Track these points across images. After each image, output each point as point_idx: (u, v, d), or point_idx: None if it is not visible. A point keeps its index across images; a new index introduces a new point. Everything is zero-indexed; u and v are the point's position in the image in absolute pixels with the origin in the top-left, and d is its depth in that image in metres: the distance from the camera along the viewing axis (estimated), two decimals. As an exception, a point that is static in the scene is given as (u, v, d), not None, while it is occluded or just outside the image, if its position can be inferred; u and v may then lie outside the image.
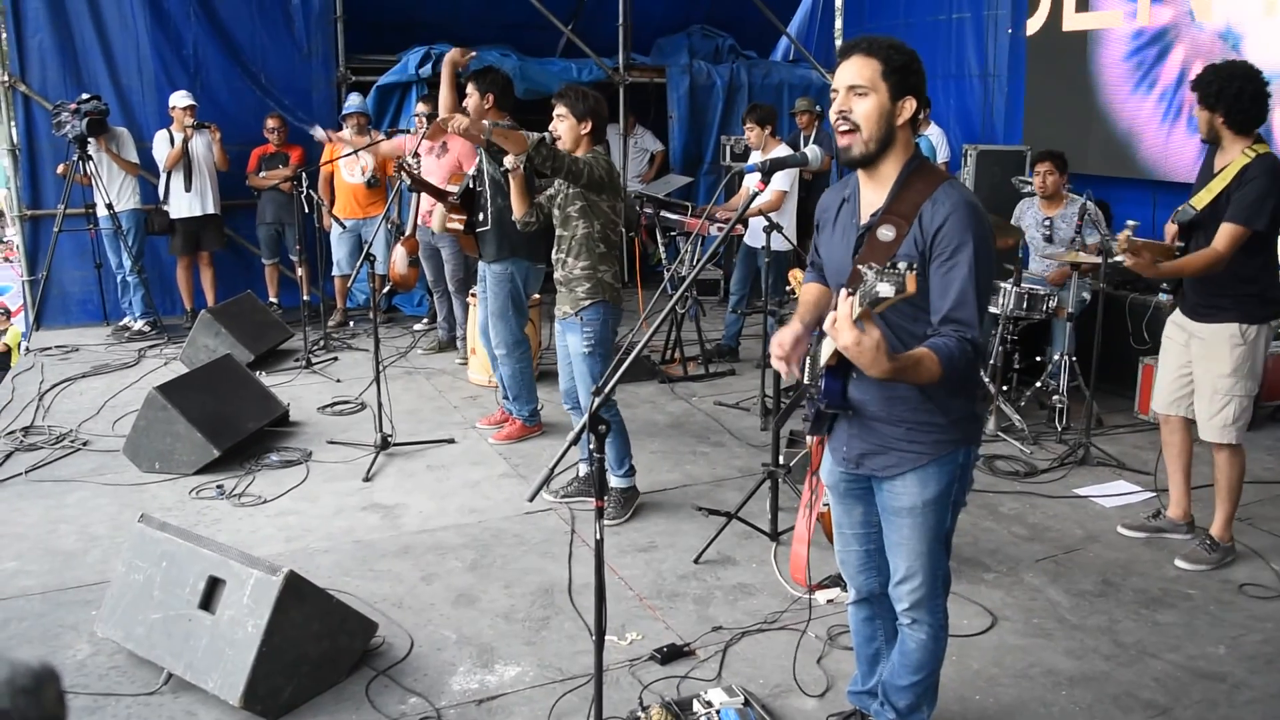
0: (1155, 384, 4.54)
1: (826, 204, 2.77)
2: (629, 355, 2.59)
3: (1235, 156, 3.99)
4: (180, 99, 8.04)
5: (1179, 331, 4.31)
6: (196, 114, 8.10)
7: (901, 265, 2.04)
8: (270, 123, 8.43)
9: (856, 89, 2.48)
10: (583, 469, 5.06)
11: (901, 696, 2.89)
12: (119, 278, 8.30)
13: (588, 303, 4.60)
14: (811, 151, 2.61)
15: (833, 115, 2.53)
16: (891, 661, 2.91)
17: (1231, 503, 4.27)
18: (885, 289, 2.04)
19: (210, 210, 8.28)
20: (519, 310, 5.65)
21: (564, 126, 4.60)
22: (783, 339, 2.61)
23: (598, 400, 2.40)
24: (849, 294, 2.16)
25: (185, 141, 8.00)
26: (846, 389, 2.60)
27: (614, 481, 4.78)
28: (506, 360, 5.66)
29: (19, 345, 8.62)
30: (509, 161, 4.67)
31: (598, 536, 2.49)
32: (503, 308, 5.57)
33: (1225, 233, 3.92)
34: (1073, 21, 8.15)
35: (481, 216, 5.53)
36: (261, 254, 8.82)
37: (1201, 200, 4.01)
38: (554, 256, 4.74)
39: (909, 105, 2.49)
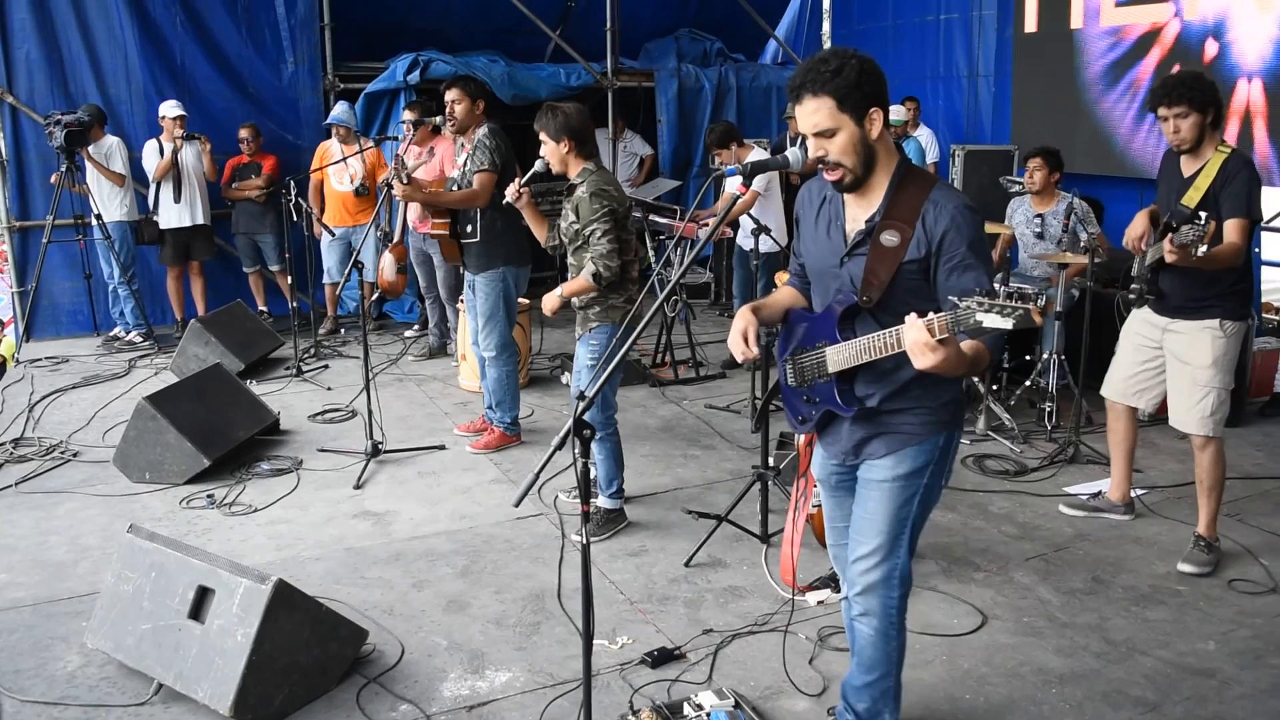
0: (1110, 373, 4.63)
1: (804, 199, 2.80)
2: (613, 359, 2.60)
3: (1210, 155, 4.11)
4: (170, 109, 8.03)
5: (1149, 328, 4.38)
6: (186, 124, 8.10)
7: (1029, 305, 2.10)
8: (243, 132, 8.40)
9: (824, 133, 2.49)
10: (593, 471, 5.03)
11: (859, 698, 2.90)
12: (110, 287, 8.29)
13: (595, 325, 4.61)
14: (793, 154, 2.62)
15: (812, 159, 2.56)
16: (851, 662, 2.92)
17: (1216, 500, 4.29)
18: (995, 320, 2.09)
19: (200, 221, 8.28)
20: (509, 312, 5.64)
21: (547, 151, 4.58)
22: (745, 332, 2.67)
23: (582, 406, 2.41)
24: (920, 316, 2.24)
25: (175, 152, 8.00)
26: (854, 390, 2.64)
27: (601, 500, 4.72)
28: (495, 363, 5.65)
29: (13, 356, 8.61)
30: (509, 194, 4.71)
31: (584, 541, 2.50)
32: (493, 308, 5.56)
33: (1235, 228, 4.01)
34: (1113, 17, 8.04)
35: (470, 228, 5.50)
36: (244, 264, 8.82)
37: (1192, 200, 4.10)
38: (567, 279, 4.69)
39: (876, 117, 2.50)
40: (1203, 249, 3.81)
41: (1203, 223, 3.80)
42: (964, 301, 2.13)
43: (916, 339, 2.23)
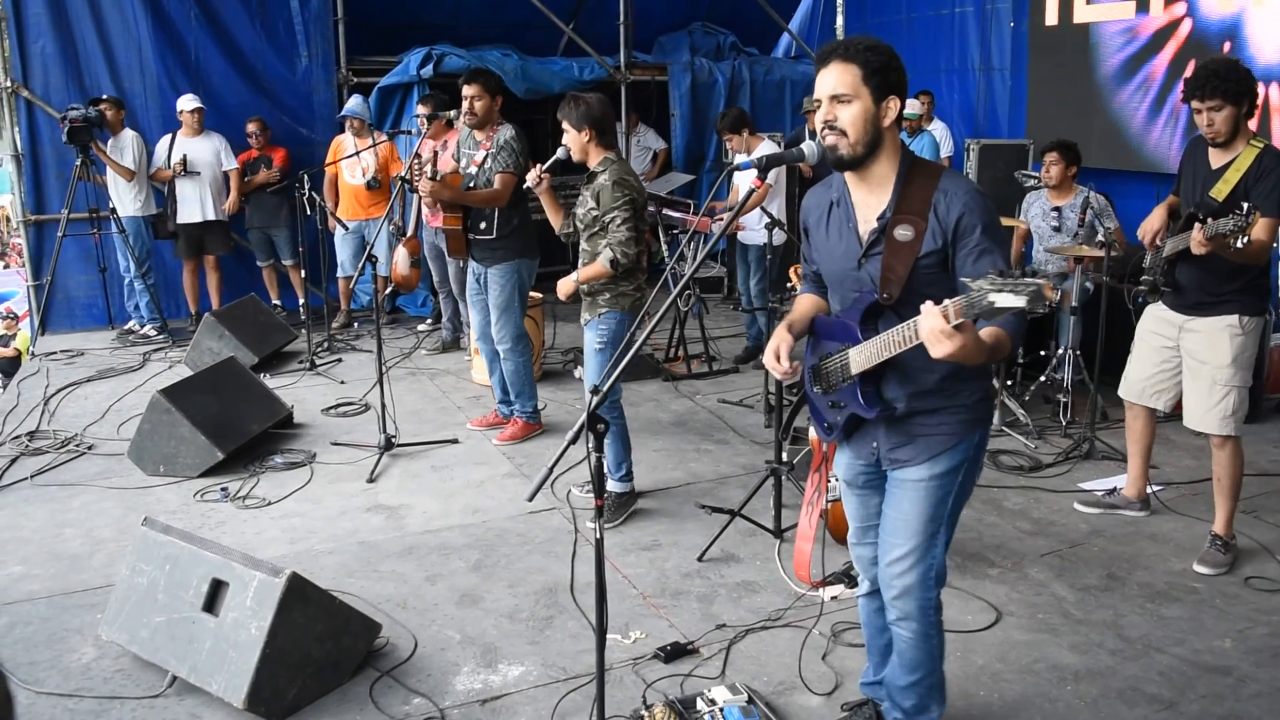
0: (1126, 373, 4.59)
1: (810, 207, 2.78)
2: (628, 353, 2.59)
3: (1242, 148, 4.02)
4: (186, 103, 8.06)
5: (1166, 326, 4.33)
6: (204, 118, 8.14)
7: (1041, 280, 2.04)
8: (250, 126, 8.41)
9: (840, 97, 2.48)
10: (610, 484, 5.02)
11: (905, 697, 2.88)
12: (126, 280, 8.33)
13: (604, 310, 4.67)
14: (808, 147, 2.60)
15: (818, 124, 2.55)
16: (891, 660, 2.91)
17: (1234, 499, 4.26)
18: (1008, 299, 2.05)
19: (213, 216, 8.29)
20: (523, 303, 5.66)
21: (569, 139, 4.63)
22: (778, 350, 2.63)
23: (595, 399, 2.40)
24: (935, 304, 2.21)
25: (175, 173, 8.05)
26: (881, 392, 2.62)
27: (610, 485, 4.77)
28: (511, 354, 5.65)
29: (28, 349, 8.65)
30: (530, 179, 4.77)
31: (597, 535, 2.49)
32: (508, 300, 5.57)
33: (1266, 227, 3.92)
34: (1083, 14, 8.12)
35: (485, 225, 5.50)
36: (257, 257, 8.84)
37: (1220, 192, 4.03)
38: (580, 266, 4.74)
39: (893, 105, 2.50)
40: (1243, 240, 3.75)
41: (1244, 213, 3.73)
42: (975, 283, 2.11)
43: (933, 326, 2.19)
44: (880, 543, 2.78)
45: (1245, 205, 3.74)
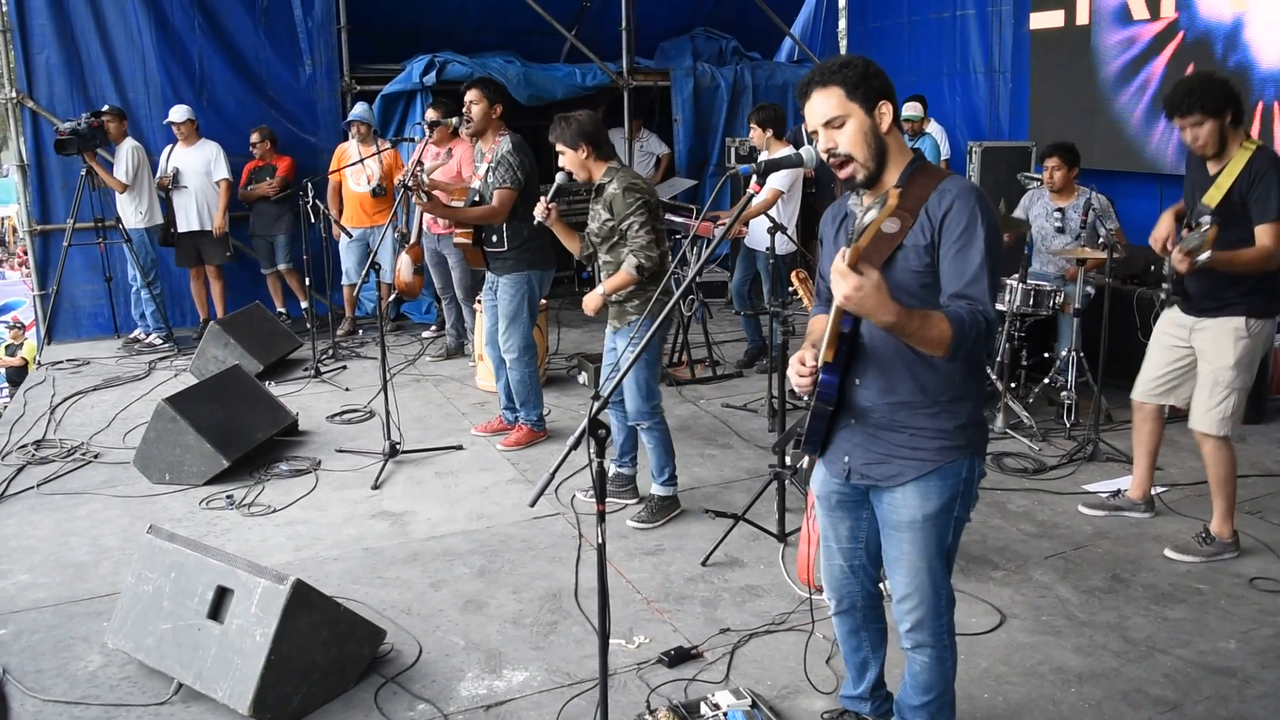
0: (1140, 374, 4.58)
1: (826, 220, 2.78)
2: (628, 360, 2.59)
3: (1235, 152, 4.02)
4: (175, 114, 8.08)
5: (1177, 328, 4.33)
6: (199, 128, 8.18)
7: (889, 194, 2.15)
8: (253, 136, 8.42)
9: (832, 122, 2.49)
10: (612, 469, 5.03)
11: (915, 715, 2.89)
12: (133, 289, 8.36)
13: (634, 318, 4.69)
14: (807, 152, 2.60)
15: (821, 154, 2.55)
16: (903, 680, 2.90)
17: (1227, 497, 4.26)
18: (871, 215, 2.14)
19: (207, 226, 8.31)
20: (532, 314, 5.67)
21: (566, 160, 4.66)
22: (804, 358, 2.57)
23: (597, 405, 2.41)
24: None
25: (170, 187, 8.12)
26: (843, 388, 2.59)
27: (654, 488, 4.81)
28: (517, 364, 5.67)
29: (35, 358, 8.67)
30: (538, 213, 4.77)
31: (600, 540, 2.50)
32: (517, 310, 5.58)
33: (1266, 233, 3.91)
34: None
35: (495, 238, 5.52)
36: (261, 265, 8.87)
37: (1213, 198, 4.02)
38: (601, 278, 4.77)
39: (885, 110, 2.50)
40: (1205, 254, 3.74)
41: (1204, 228, 3.72)
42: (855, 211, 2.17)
43: (835, 264, 2.19)
44: (889, 579, 2.76)
45: (1206, 219, 3.74)
